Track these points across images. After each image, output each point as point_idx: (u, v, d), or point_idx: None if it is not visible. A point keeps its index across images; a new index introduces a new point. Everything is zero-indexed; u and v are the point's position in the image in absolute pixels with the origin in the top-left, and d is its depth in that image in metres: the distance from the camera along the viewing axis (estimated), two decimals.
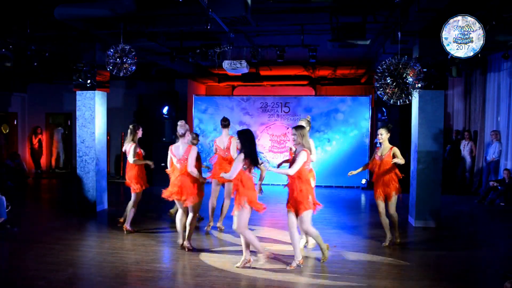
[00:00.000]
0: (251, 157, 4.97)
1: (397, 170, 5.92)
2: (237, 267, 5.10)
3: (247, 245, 5.14)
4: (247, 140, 5.02)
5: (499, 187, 9.05)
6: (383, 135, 5.96)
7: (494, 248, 6.22)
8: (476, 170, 10.60)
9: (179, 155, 5.57)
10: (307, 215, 5.02)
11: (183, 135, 5.61)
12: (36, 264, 5.23)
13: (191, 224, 5.71)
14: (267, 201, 6.90)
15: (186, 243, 5.77)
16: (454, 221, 7.75)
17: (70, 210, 8.33)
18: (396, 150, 5.91)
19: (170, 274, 5.00)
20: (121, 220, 7.08)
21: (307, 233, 5.44)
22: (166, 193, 5.63)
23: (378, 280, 4.81)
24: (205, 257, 5.54)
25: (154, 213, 8.04)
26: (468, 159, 10.64)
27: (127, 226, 6.64)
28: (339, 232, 6.94)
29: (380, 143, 6.05)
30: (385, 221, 6.04)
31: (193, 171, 5.50)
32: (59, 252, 5.67)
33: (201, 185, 5.77)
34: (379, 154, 6.01)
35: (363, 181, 10.73)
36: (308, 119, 5.96)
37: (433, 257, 5.69)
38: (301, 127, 5.16)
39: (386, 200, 5.93)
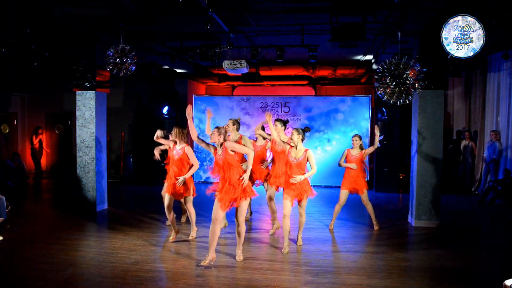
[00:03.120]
0: None
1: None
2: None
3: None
4: None
5: (498, 187, 9.05)
6: (295, 136, 5.60)
7: (494, 248, 6.21)
8: (476, 170, 10.60)
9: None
10: None
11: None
12: (36, 264, 5.23)
13: None
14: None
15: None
16: (454, 221, 7.75)
17: (70, 210, 8.33)
18: (310, 153, 5.63)
19: (170, 274, 5.00)
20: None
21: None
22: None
23: (378, 280, 4.81)
24: (204, 257, 5.52)
25: (155, 213, 8.05)
26: (468, 159, 10.63)
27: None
28: (338, 231, 6.94)
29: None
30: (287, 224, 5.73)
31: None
32: (59, 252, 5.67)
33: None
34: (293, 155, 5.65)
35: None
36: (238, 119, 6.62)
37: (434, 257, 5.68)
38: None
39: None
